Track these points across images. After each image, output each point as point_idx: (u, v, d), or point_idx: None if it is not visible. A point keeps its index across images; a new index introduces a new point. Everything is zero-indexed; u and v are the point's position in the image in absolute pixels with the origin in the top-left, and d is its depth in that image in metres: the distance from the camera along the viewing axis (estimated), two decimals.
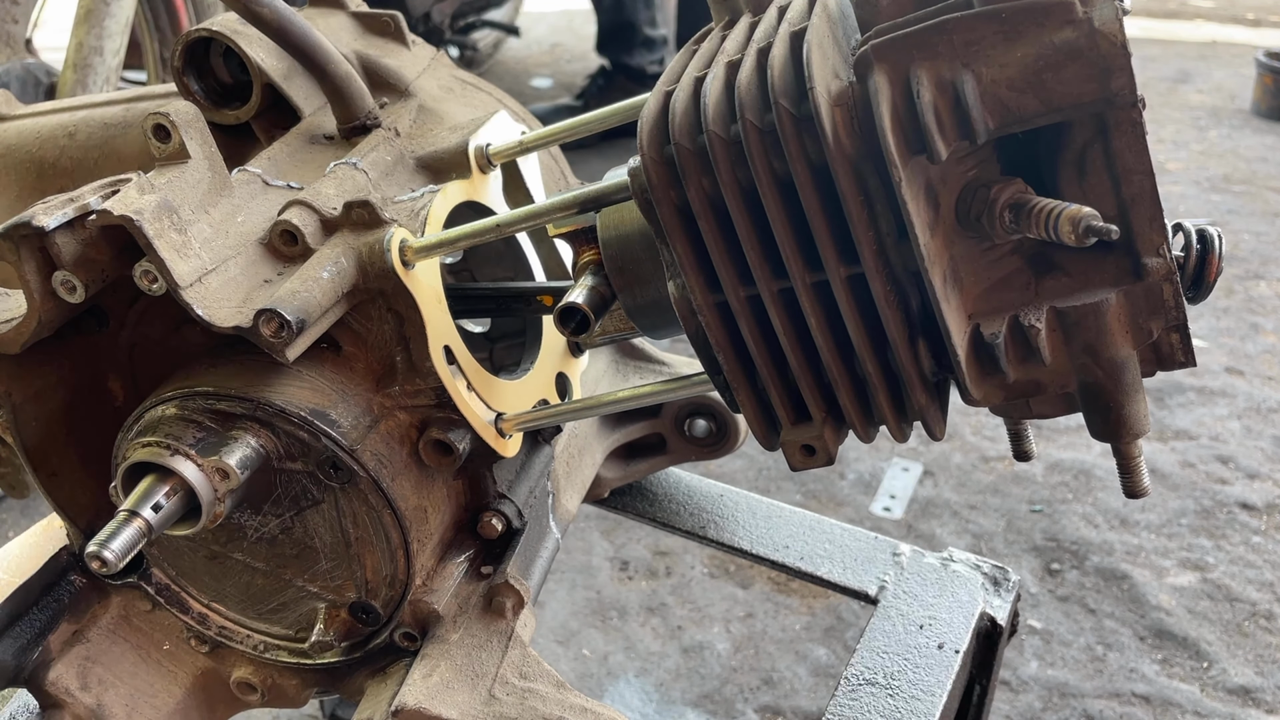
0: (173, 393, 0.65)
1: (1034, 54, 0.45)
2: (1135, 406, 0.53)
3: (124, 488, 0.63)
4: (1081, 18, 0.44)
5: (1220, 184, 4.25)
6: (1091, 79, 0.45)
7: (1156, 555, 2.27)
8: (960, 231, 0.52)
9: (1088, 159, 0.49)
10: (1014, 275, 0.53)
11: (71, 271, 0.60)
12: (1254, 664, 2.01)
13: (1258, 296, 3.36)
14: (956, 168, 0.51)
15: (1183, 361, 0.54)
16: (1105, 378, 0.52)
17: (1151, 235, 0.50)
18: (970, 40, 0.46)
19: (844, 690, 0.85)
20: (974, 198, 0.51)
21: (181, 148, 0.63)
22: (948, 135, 0.47)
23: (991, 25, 0.45)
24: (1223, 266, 0.55)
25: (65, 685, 0.76)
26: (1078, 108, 0.46)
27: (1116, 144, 0.48)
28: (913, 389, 0.52)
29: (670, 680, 1.98)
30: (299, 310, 0.59)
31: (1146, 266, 0.50)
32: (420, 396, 0.67)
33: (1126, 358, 0.52)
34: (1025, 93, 0.45)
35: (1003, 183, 0.50)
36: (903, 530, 2.35)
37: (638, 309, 0.64)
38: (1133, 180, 0.49)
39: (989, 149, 0.51)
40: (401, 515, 0.67)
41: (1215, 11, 7.02)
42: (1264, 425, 2.70)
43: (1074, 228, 0.45)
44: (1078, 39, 0.44)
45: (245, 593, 0.75)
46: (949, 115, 0.46)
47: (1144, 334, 0.52)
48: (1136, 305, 0.52)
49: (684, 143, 0.53)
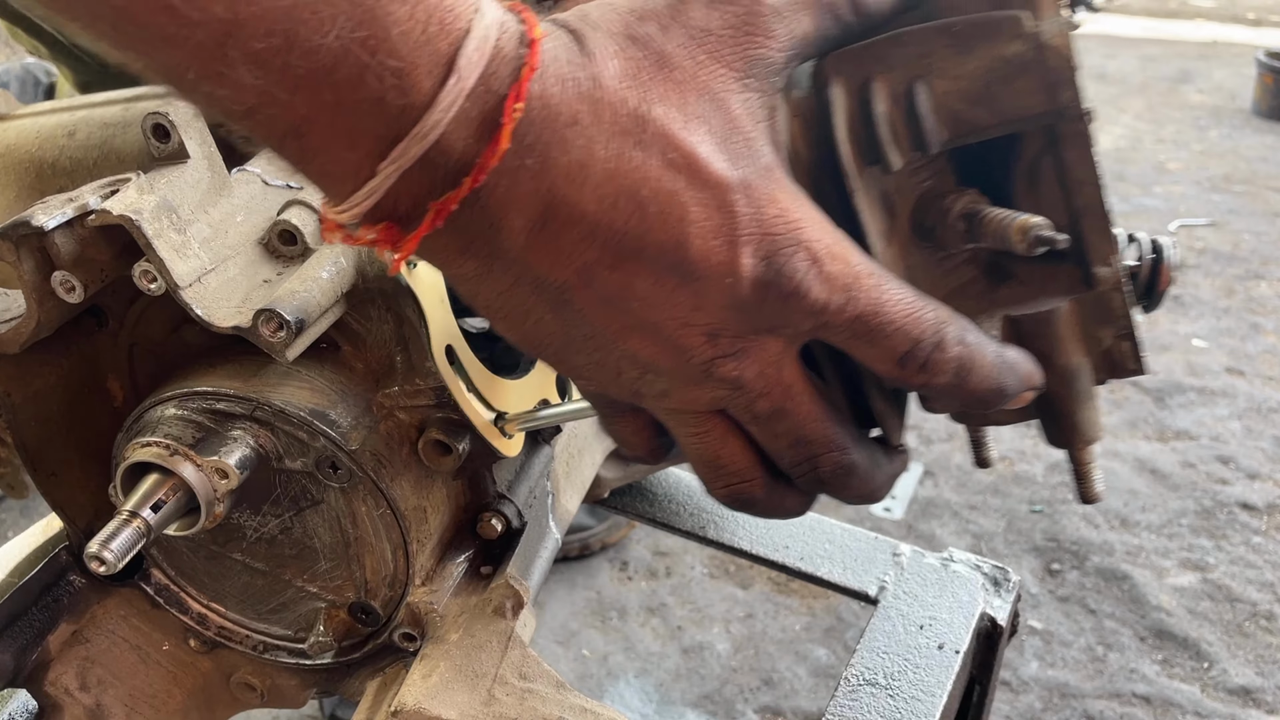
0: (172, 393, 0.65)
1: (984, 67, 0.46)
2: (1088, 413, 0.54)
3: (123, 488, 0.63)
4: (1030, 32, 0.45)
5: (1221, 184, 4.25)
6: (1040, 92, 0.45)
7: (1157, 555, 2.27)
8: (917, 241, 0.52)
9: (1039, 170, 0.50)
10: (970, 284, 0.54)
11: (70, 271, 0.60)
12: (1254, 664, 2.01)
13: (1258, 296, 3.36)
14: (913, 178, 0.52)
15: (1133, 369, 0.55)
16: (1058, 385, 0.53)
17: (1101, 245, 0.50)
18: (923, 53, 0.46)
19: (844, 691, 0.85)
20: (930, 208, 0.51)
21: (181, 147, 0.63)
22: (902, 146, 0.47)
23: (944, 39, 0.46)
24: (1174, 276, 0.55)
25: (64, 685, 0.76)
26: (1027, 120, 0.46)
27: (1067, 156, 0.49)
28: (870, 396, 0.52)
29: (670, 681, 1.98)
30: (298, 310, 0.59)
31: (1097, 276, 0.50)
32: (420, 396, 0.67)
33: (1078, 365, 0.53)
34: (977, 105, 0.46)
35: (957, 193, 0.51)
36: (903, 530, 2.35)
37: None
38: (1083, 191, 0.49)
39: (945, 160, 0.52)
40: (401, 515, 0.67)
41: (1216, 11, 7.02)
42: (1265, 425, 2.70)
43: (1023, 237, 0.46)
44: (1026, 53, 0.45)
45: (244, 593, 0.75)
46: (903, 126, 0.47)
47: (1095, 342, 0.53)
48: (1087, 314, 0.53)
49: None
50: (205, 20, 0.33)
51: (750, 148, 0.40)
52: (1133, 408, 2.78)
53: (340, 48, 0.34)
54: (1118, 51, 6.14)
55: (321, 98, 0.35)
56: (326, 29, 0.34)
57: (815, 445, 0.45)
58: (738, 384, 0.42)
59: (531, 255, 0.39)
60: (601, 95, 0.38)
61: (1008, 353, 0.46)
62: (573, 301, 0.40)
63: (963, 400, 0.45)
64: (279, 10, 0.33)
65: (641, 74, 0.39)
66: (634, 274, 0.39)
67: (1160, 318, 3.22)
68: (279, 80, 0.35)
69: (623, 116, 0.38)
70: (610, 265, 0.39)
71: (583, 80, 0.38)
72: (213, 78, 0.35)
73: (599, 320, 0.41)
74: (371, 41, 0.35)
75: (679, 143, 0.38)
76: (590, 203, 0.38)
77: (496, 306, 0.42)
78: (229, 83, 0.35)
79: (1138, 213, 3.99)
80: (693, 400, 0.44)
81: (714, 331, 0.41)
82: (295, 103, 0.35)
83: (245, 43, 0.34)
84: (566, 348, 0.43)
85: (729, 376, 0.42)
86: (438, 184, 0.37)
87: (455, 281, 0.43)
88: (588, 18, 0.40)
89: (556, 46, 0.38)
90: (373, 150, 0.37)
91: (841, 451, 0.46)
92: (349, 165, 0.37)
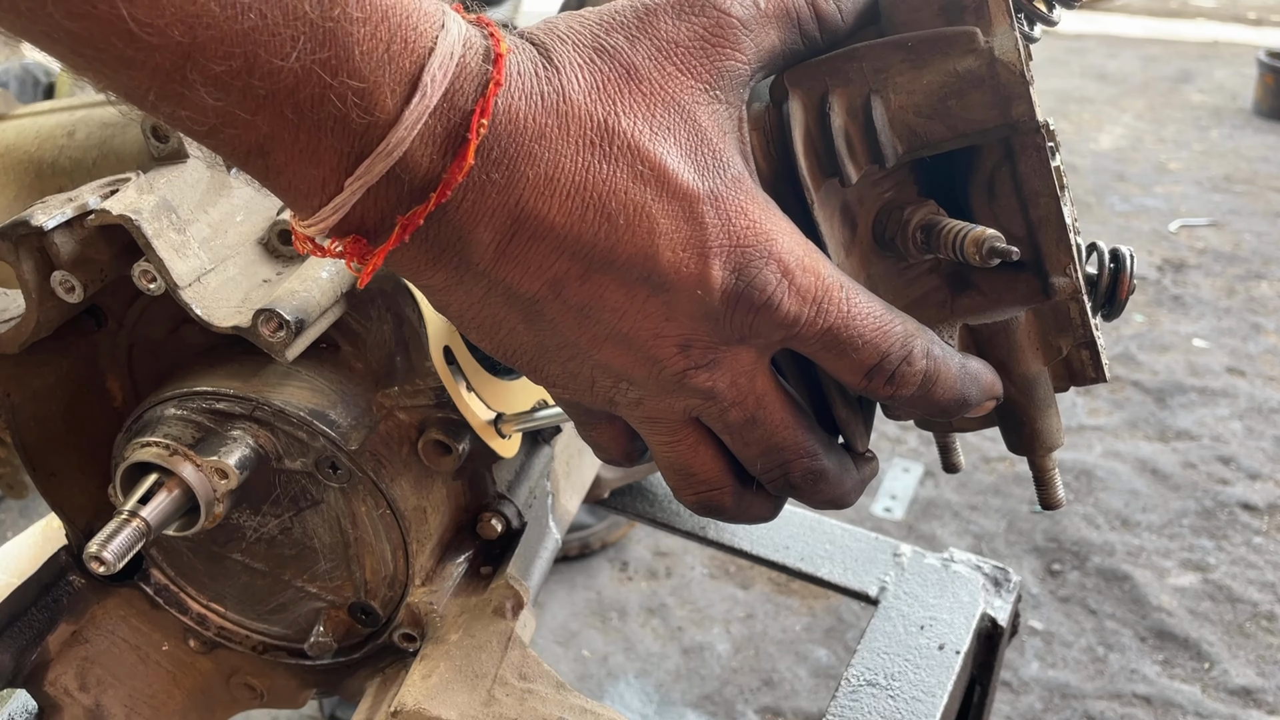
0: (171, 393, 0.65)
1: (939, 82, 0.46)
2: (1048, 421, 0.55)
3: (122, 488, 0.63)
4: (983, 47, 0.45)
5: (1222, 183, 4.25)
6: (993, 106, 0.46)
7: (1158, 556, 2.27)
8: (878, 251, 0.53)
9: (997, 182, 0.51)
10: (931, 293, 0.54)
11: (70, 271, 0.60)
12: (1255, 665, 2.01)
13: (1259, 296, 3.36)
14: (874, 189, 0.52)
15: (1093, 377, 0.55)
16: (1018, 393, 0.54)
17: (1058, 256, 0.51)
18: (879, 68, 0.47)
19: (844, 691, 0.85)
20: (889, 219, 0.52)
21: (180, 147, 0.63)
22: (858, 159, 0.48)
23: (899, 54, 0.47)
24: (1134, 285, 0.56)
25: (64, 686, 0.76)
26: (982, 134, 0.47)
27: (1022, 168, 0.49)
28: (833, 403, 0.53)
29: (670, 681, 1.98)
30: (298, 310, 0.59)
31: (1054, 286, 0.51)
32: (420, 397, 0.67)
33: (1038, 374, 0.54)
34: (932, 119, 0.47)
35: (917, 204, 0.52)
36: (903, 531, 2.35)
37: None
38: (1039, 203, 0.50)
39: (906, 171, 0.53)
40: (401, 516, 0.67)
41: (1217, 11, 7.02)
42: (1265, 426, 2.70)
43: (977, 249, 0.46)
44: (979, 67, 0.46)
45: (244, 593, 0.75)
46: (860, 140, 0.48)
47: (1054, 351, 0.54)
48: (1046, 323, 0.53)
49: None
50: (163, 44, 0.33)
51: (719, 159, 0.41)
52: (1133, 408, 2.78)
53: (301, 69, 0.34)
54: (1119, 51, 6.14)
55: (284, 117, 0.35)
56: (287, 51, 0.34)
57: (786, 452, 0.46)
58: (710, 394, 0.43)
59: (501, 268, 0.39)
60: (568, 109, 0.38)
61: (971, 364, 0.47)
62: (544, 313, 0.40)
63: (926, 410, 0.46)
64: (238, 33, 0.33)
65: (609, 86, 0.39)
66: (604, 285, 0.39)
67: (1161, 318, 3.22)
68: (240, 101, 0.35)
69: (590, 129, 0.38)
70: (580, 277, 0.39)
71: (549, 94, 0.38)
72: (173, 99, 0.35)
73: (571, 331, 0.41)
74: (333, 62, 0.34)
75: (647, 154, 0.38)
76: (559, 215, 0.38)
77: (469, 317, 0.42)
78: (190, 104, 0.35)
79: (1138, 212, 3.99)
80: (666, 409, 0.44)
81: (686, 342, 0.41)
82: (257, 122, 0.35)
83: (204, 65, 0.33)
84: (540, 357, 0.43)
85: (702, 387, 0.42)
86: (404, 199, 0.37)
87: (426, 292, 0.43)
88: (555, 30, 0.40)
89: (522, 60, 0.38)
90: (337, 166, 0.37)
91: (812, 458, 0.46)
92: (314, 181, 0.37)
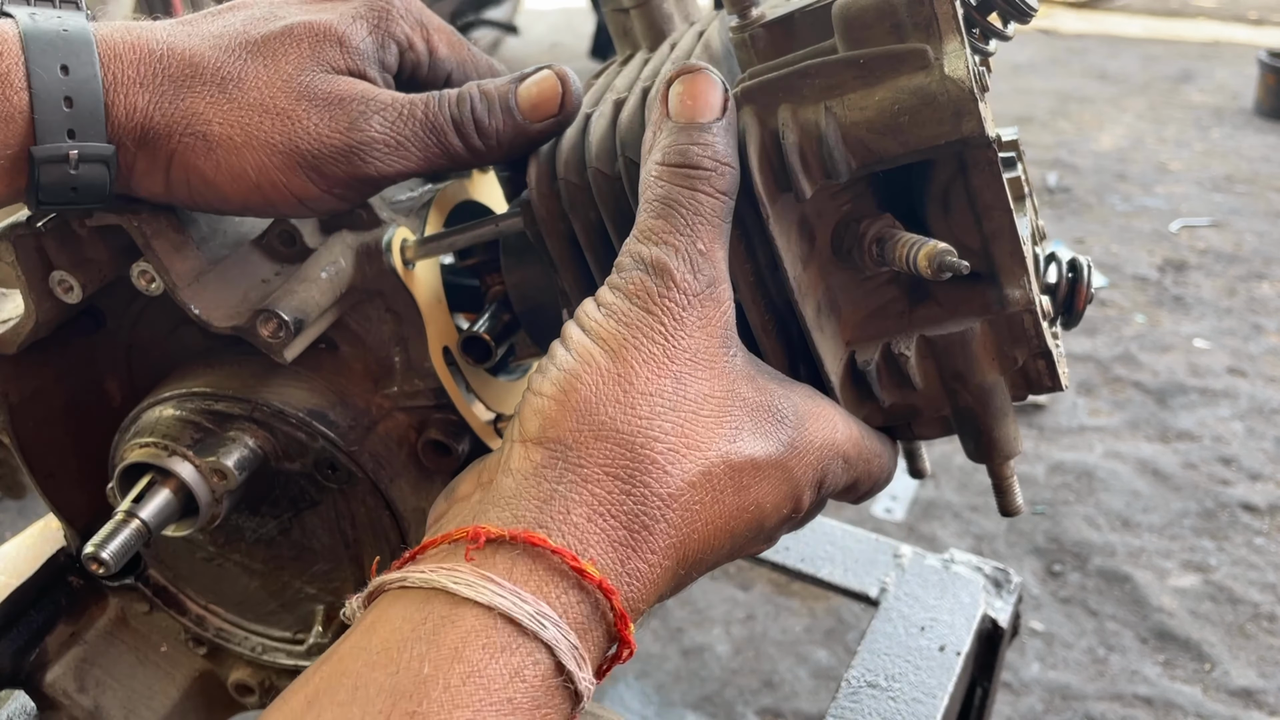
0: (170, 393, 0.65)
1: (890, 98, 0.47)
2: (1005, 429, 0.56)
3: (121, 489, 0.62)
4: (934, 64, 0.46)
5: (1223, 183, 4.25)
6: (944, 122, 0.46)
7: (1158, 557, 2.27)
8: (837, 263, 0.54)
9: (951, 196, 0.51)
10: (890, 304, 0.55)
11: (69, 272, 0.60)
12: (1256, 666, 2.00)
13: (1260, 297, 3.35)
14: (831, 202, 0.53)
15: (1050, 386, 0.56)
16: (975, 403, 0.55)
17: (1012, 268, 0.52)
18: (832, 85, 0.48)
19: (845, 692, 0.85)
20: (846, 232, 0.53)
21: None
22: (813, 174, 0.49)
23: (852, 71, 0.47)
24: (1092, 295, 0.58)
25: (63, 687, 0.76)
26: (935, 149, 0.47)
27: (975, 182, 0.50)
28: None
29: (670, 682, 1.97)
30: (297, 310, 0.59)
31: (1008, 298, 0.52)
32: (419, 397, 0.67)
33: (994, 383, 0.54)
34: (884, 135, 0.47)
35: (873, 218, 0.52)
36: (904, 532, 2.35)
37: (539, 335, 0.67)
38: (992, 216, 0.51)
39: (864, 184, 0.53)
40: (400, 517, 0.67)
41: (1218, 11, 7.01)
42: (1266, 426, 2.70)
43: (930, 263, 0.47)
44: (930, 84, 0.46)
45: (243, 594, 0.75)
46: (814, 155, 0.48)
47: (1009, 361, 0.54)
48: (1001, 334, 0.54)
49: (571, 177, 0.56)
50: None
51: (774, 413, 0.49)
52: (1134, 408, 2.78)
53: None
54: (1119, 51, 6.13)
55: None
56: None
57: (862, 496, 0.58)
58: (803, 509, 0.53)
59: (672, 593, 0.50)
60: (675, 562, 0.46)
61: None
62: None
63: None
64: None
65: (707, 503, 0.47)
66: (738, 553, 0.52)
67: (1162, 318, 3.22)
68: None
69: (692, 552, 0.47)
70: (728, 557, 0.51)
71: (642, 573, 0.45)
72: None
73: (729, 558, 0.52)
74: None
75: (739, 478, 0.47)
76: (714, 558, 0.49)
77: None
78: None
79: (1139, 213, 3.99)
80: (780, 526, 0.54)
81: (780, 525, 0.52)
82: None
83: None
84: None
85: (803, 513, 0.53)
86: None
87: None
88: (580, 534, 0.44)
89: (636, 597, 0.45)
90: None
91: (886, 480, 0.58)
92: None
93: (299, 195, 0.55)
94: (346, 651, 0.41)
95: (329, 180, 0.55)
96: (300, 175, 0.54)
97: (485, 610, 0.40)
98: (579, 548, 0.43)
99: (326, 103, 0.54)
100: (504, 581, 0.41)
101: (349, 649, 0.41)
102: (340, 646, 0.42)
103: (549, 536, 0.42)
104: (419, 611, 0.41)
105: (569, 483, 0.44)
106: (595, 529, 0.43)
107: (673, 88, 0.49)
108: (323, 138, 0.54)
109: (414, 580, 0.42)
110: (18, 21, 0.50)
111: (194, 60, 0.53)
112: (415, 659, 0.39)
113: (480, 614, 0.40)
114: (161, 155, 0.53)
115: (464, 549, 0.43)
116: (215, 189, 0.55)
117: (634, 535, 0.44)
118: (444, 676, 0.39)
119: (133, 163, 0.54)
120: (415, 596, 0.42)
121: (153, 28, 0.54)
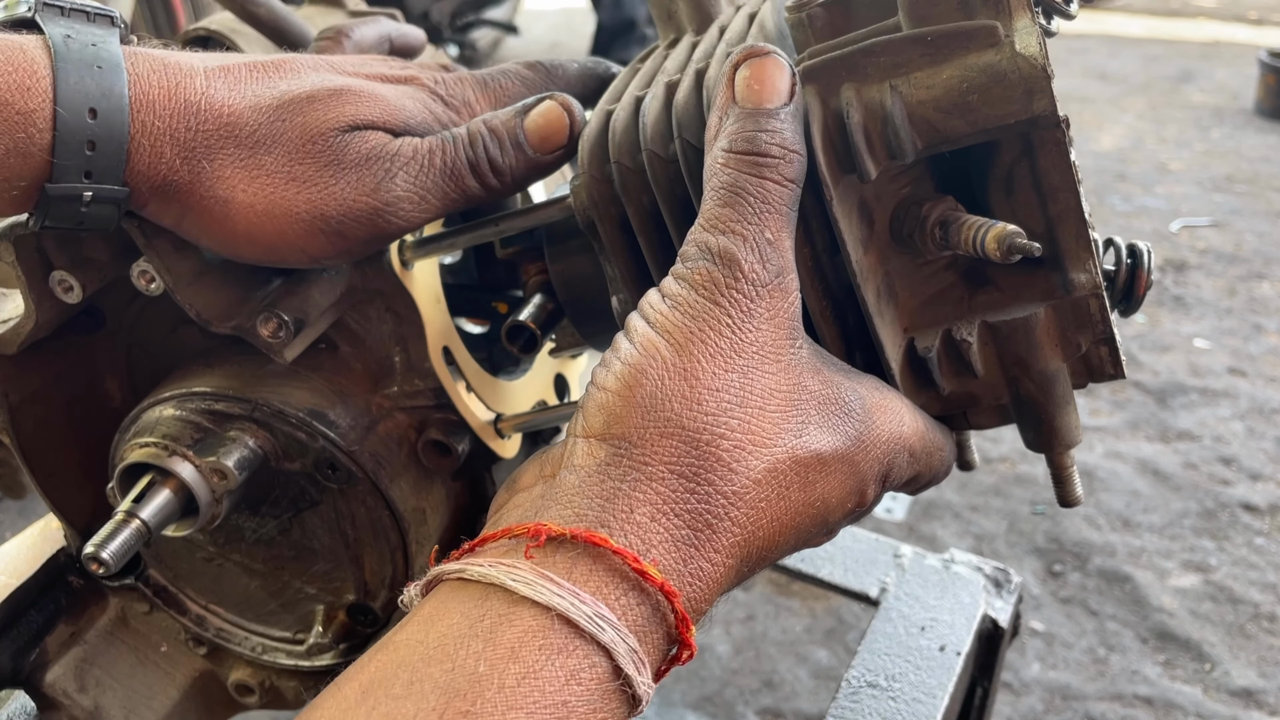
0: (170, 393, 0.65)
1: (959, 76, 0.46)
2: (1066, 418, 0.54)
3: (121, 488, 0.62)
4: (1004, 41, 0.45)
5: (1223, 183, 4.25)
6: (1015, 101, 0.45)
7: (1159, 557, 2.27)
8: (895, 248, 0.53)
9: (1015, 177, 0.50)
10: (949, 290, 0.54)
11: (69, 272, 0.60)
12: (1257, 666, 2.00)
13: (1260, 297, 3.35)
14: (890, 185, 0.52)
15: (1112, 374, 0.55)
16: (1036, 390, 0.53)
17: (1078, 252, 0.51)
18: (898, 63, 0.47)
19: (845, 693, 0.85)
20: (907, 215, 0.52)
21: None
22: (877, 155, 0.48)
23: (919, 49, 0.46)
24: (1152, 281, 0.56)
25: (63, 687, 0.76)
26: (1002, 129, 0.46)
27: (1042, 163, 0.49)
28: None
29: (670, 683, 1.97)
30: (297, 310, 0.59)
31: (1073, 282, 0.51)
32: (419, 397, 0.67)
33: (1056, 370, 0.53)
34: (951, 114, 0.46)
35: (934, 200, 0.51)
36: (904, 532, 2.35)
37: (584, 324, 0.66)
38: (1059, 198, 0.50)
39: (923, 167, 0.52)
40: (400, 517, 0.67)
41: (1218, 11, 7.01)
42: (1267, 426, 2.70)
43: (999, 245, 0.46)
44: (1000, 62, 0.45)
45: (243, 594, 0.75)
46: (878, 136, 0.47)
47: (1073, 347, 0.53)
48: (1065, 319, 0.53)
49: (624, 161, 0.54)
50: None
51: (842, 406, 0.48)
52: (1134, 408, 2.78)
53: None
54: (1119, 51, 6.13)
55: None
56: None
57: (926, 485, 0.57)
58: (867, 502, 0.52)
59: None
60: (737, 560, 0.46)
61: None
62: None
63: None
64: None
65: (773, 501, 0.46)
66: (801, 548, 0.51)
67: (1162, 318, 3.22)
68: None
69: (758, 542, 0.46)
70: (791, 551, 0.50)
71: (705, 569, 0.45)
72: None
73: (791, 553, 0.51)
74: None
75: (805, 474, 0.46)
76: (777, 553, 0.48)
77: None
78: None
79: (1139, 213, 3.99)
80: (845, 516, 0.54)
81: (843, 519, 0.51)
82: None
83: None
84: None
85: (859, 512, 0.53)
86: None
87: None
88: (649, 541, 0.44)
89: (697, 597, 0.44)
90: None
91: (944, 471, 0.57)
92: None
93: (315, 256, 0.55)
94: (402, 642, 0.41)
95: (350, 241, 0.55)
96: (320, 239, 0.54)
97: (543, 610, 0.40)
98: (642, 548, 0.42)
99: (354, 164, 0.53)
100: (563, 581, 0.40)
101: (405, 640, 0.41)
102: (396, 635, 0.41)
103: (611, 536, 0.42)
104: (477, 608, 0.41)
105: (633, 480, 0.43)
106: (659, 528, 0.42)
107: (739, 71, 0.47)
108: (348, 202, 0.53)
109: (472, 573, 0.42)
110: (51, 45, 0.48)
111: (231, 121, 0.52)
112: (471, 656, 0.39)
113: (538, 614, 0.40)
114: (177, 206, 0.53)
115: (524, 545, 0.42)
116: (228, 247, 0.55)
117: (698, 534, 0.43)
118: (499, 676, 0.38)
119: (145, 203, 0.53)
120: (473, 591, 0.42)
121: (191, 69, 0.52)
